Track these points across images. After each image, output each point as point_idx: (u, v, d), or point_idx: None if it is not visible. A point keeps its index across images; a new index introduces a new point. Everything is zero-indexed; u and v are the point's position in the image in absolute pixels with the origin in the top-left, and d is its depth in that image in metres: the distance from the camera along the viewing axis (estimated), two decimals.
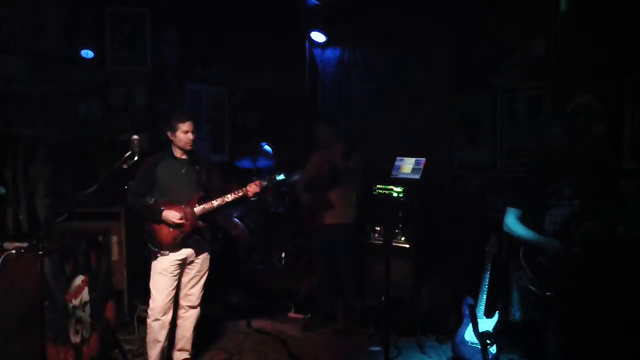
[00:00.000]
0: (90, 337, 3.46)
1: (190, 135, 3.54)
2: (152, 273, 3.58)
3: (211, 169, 3.75)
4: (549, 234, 2.85)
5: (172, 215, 3.47)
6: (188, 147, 3.57)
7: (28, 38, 4.65)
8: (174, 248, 3.52)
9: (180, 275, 3.63)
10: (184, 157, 3.62)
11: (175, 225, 3.49)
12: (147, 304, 3.62)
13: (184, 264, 3.61)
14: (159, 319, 3.54)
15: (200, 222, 3.57)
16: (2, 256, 2.88)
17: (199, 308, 3.74)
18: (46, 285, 2.96)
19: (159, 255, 3.52)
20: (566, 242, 2.78)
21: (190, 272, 3.65)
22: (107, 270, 3.82)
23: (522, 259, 2.93)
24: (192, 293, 3.69)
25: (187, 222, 3.52)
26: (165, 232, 3.50)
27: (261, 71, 6.43)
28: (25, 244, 3.00)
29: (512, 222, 3.00)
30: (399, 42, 5.34)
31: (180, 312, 3.70)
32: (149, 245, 3.56)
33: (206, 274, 3.73)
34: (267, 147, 5.67)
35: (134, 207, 3.66)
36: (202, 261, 3.68)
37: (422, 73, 5.18)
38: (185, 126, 3.52)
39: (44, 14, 4.76)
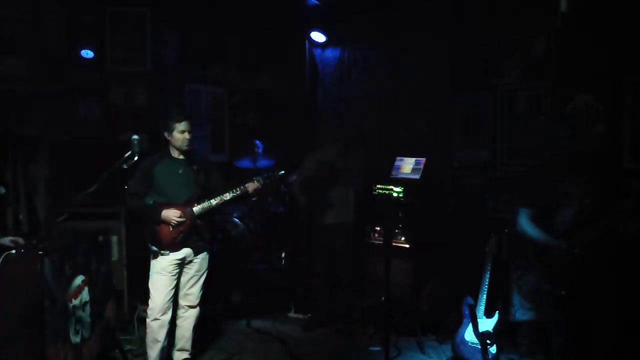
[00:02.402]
0: (90, 337, 3.46)
1: (187, 135, 3.54)
2: (151, 272, 3.58)
3: (209, 169, 3.75)
4: (559, 234, 2.86)
5: (171, 215, 3.47)
6: (185, 147, 3.57)
7: (28, 38, 4.65)
8: (174, 248, 3.52)
9: (179, 275, 3.63)
10: (181, 157, 3.61)
11: (174, 225, 3.49)
12: (147, 304, 3.62)
13: (182, 264, 3.61)
14: (158, 319, 3.54)
15: (199, 221, 3.57)
16: (2, 256, 2.88)
17: (198, 308, 3.74)
18: (46, 285, 2.96)
19: (159, 255, 3.53)
20: (570, 242, 2.78)
21: (190, 271, 3.65)
22: (107, 270, 3.82)
23: (533, 258, 2.95)
24: (192, 293, 3.69)
25: (186, 222, 3.52)
26: (165, 232, 3.50)
27: (261, 71, 6.43)
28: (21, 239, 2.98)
29: (524, 222, 3.02)
30: (399, 42, 5.35)
31: (180, 311, 3.71)
32: (149, 245, 3.57)
33: (205, 273, 3.73)
34: (257, 142, 5.69)
35: (133, 208, 3.65)
36: (201, 261, 3.68)
37: (422, 73, 5.18)
38: (181, 126, 3.52)
39: (44, 14, 4.76)
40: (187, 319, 3.71)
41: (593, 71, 3.90)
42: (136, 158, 3.34)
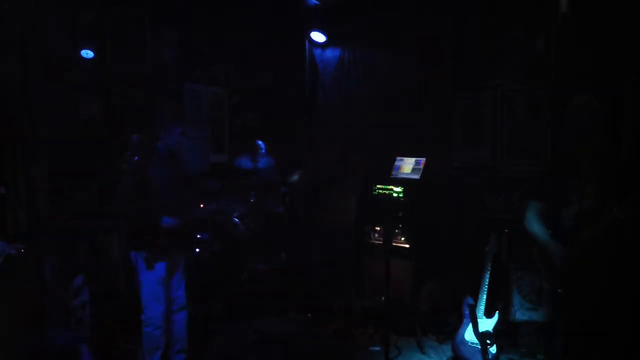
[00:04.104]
0: (91, 337, 3.46)
1: (185, 137, 3.54)
2: (145, 282, 3.51)
3: (192, 172, 3.75)
4: (564, 231, 2.86)
5: (165, 218, 3.45)
6: (183, 148, 3.56)
7: (28, 38, 4.65)
8: (164, 251, 3.49)
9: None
10: (175, 158, 3.60)
11: (168, 227, 3.47)
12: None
13: (168, 268, 3.59)
14: (162, 326, 3.54)
15: (191, 223, 3.54)
16: (2, 256, 2.89)
17: (187, 308, 3.74)
18: (46, 285, 2.96)
19: (152, 262, 3.49)
20: (568, 249, 2.79)
21: (175, 275, 3.65)
22: (107, 270, 3.82)
23: (537, 256, 2.96)
24: (179, 295, 3.69)
25: (179, 224, 3.50)
26: (156, 236, 3.45)
27: (261, 71, 6.43)
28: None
29: (530, 217, 3.02)
30: (399, 41, 5.34)
31: (172, 316, 3.69)
32: (139, 250, 3.50)
33: (183, 273, 3.73)
34: (260, 142, 5.70)
35: (126, 210, 3.60)
36: (182, 262, 3.69)
37: (423, 73, 5.17)
38: (181, 127, 3.52)
39: (44, 14, 4.76)
40: (180, 321, 3.71)
41: (593, 71, 3.90)
42: (136, 158, 3.33)
